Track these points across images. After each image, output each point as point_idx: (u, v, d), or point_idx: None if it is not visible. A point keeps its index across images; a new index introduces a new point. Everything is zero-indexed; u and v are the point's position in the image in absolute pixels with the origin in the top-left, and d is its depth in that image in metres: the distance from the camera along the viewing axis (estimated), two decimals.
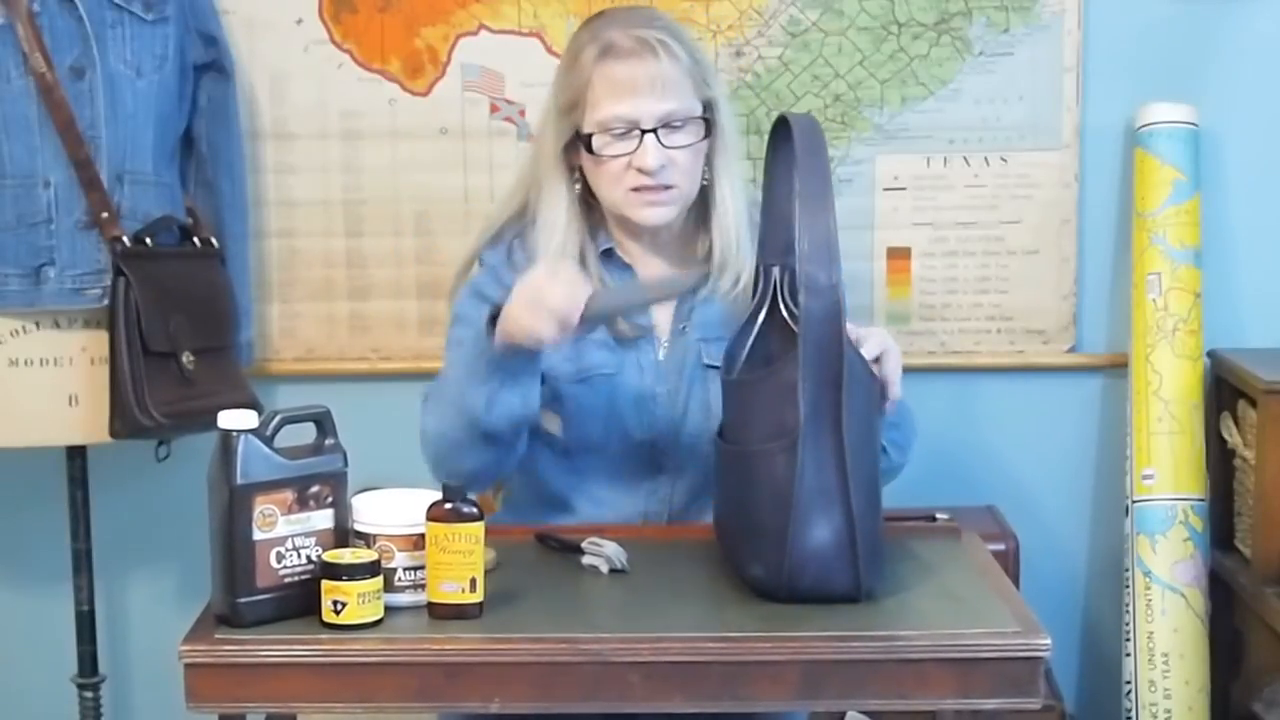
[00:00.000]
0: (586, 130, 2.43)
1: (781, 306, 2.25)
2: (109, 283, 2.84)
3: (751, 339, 2.27)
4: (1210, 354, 3.12)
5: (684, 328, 2.51)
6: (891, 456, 2.38)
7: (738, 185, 2.49)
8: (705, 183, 2.49)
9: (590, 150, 2.43)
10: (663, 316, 2.52)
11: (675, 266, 2.52)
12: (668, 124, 2.41)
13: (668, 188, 2.43)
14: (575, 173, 2.49)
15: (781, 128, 2.25)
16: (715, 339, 2.47)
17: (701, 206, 2.50)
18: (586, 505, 2.50)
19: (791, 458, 2.05)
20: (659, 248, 2.52)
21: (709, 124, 2.45)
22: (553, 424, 2.47)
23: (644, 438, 2.49)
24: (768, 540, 2.08)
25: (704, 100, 2.46)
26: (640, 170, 2.41)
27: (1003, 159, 3.18)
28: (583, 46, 2.45)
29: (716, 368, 2.43)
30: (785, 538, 2.05)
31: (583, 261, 2.46)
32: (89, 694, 3.12)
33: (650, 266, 2.52)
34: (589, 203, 2.51)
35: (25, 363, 2.91)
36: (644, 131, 2.40)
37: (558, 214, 2.48)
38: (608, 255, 2.51)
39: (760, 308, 2.28)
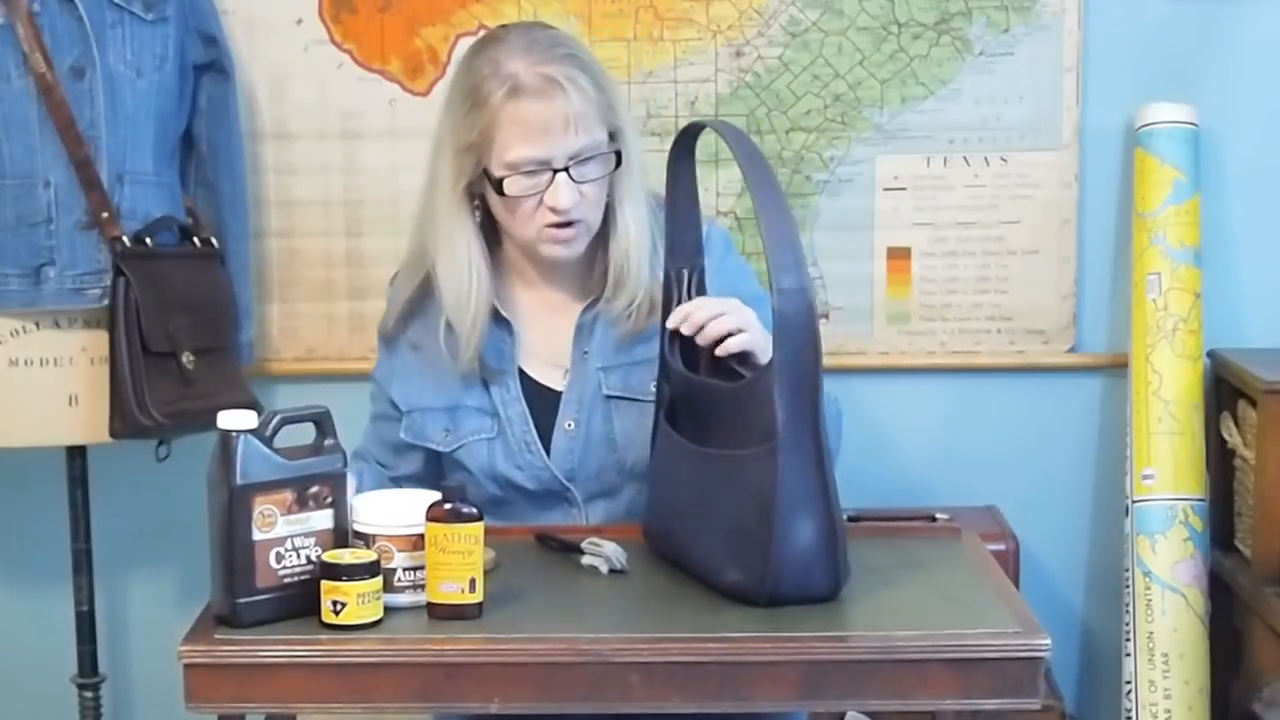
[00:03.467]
0: (496, 173, 2.40)
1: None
2: (109, 283, 2.84)
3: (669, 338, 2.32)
4: (1210, 354, 3.12)
5: (585, 353, 2.49)
6: None
7: (640, 208, 2.46)
8: (606, 205, 2.47)
9: (501, 193, 2.40)
10: (563, 341, 2.51)
11: (576, 287, 2.52)
12: (578, 160, 2.39)
13: (577, 223, 2.42)
14: (476, 200, 2.47)
15: (685, 136, 2.27)
16: (614, 367, 2.48)
17: (601, 229, 2.48)
18: None
19: (773, 462, 2.05)
20: (560, 273, 2.51)
21: (618, 155, 2.43)
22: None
23: (540, 483, 2.48)
24: (749, 546, 2.07)
25: (610, 128, 2.44)
26: (553, 209, 2.39)
27: (1003, 159, 3.18)
28: (484, 81, 2.39)
29: (617, 398, 2.45)
30: (770, 543, 2.05)
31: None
32: (89, 694, 3.12)
33: (553, 286, 2.52)
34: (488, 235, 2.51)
35: (25, 363, 2.91)
36: (555, 171, 2.38)
37: (463, 250, 2.45)
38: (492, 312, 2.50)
39: (671, 310, 2.30)
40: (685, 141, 2.29)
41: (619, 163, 2.44)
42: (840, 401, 2.45)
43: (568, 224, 2.41)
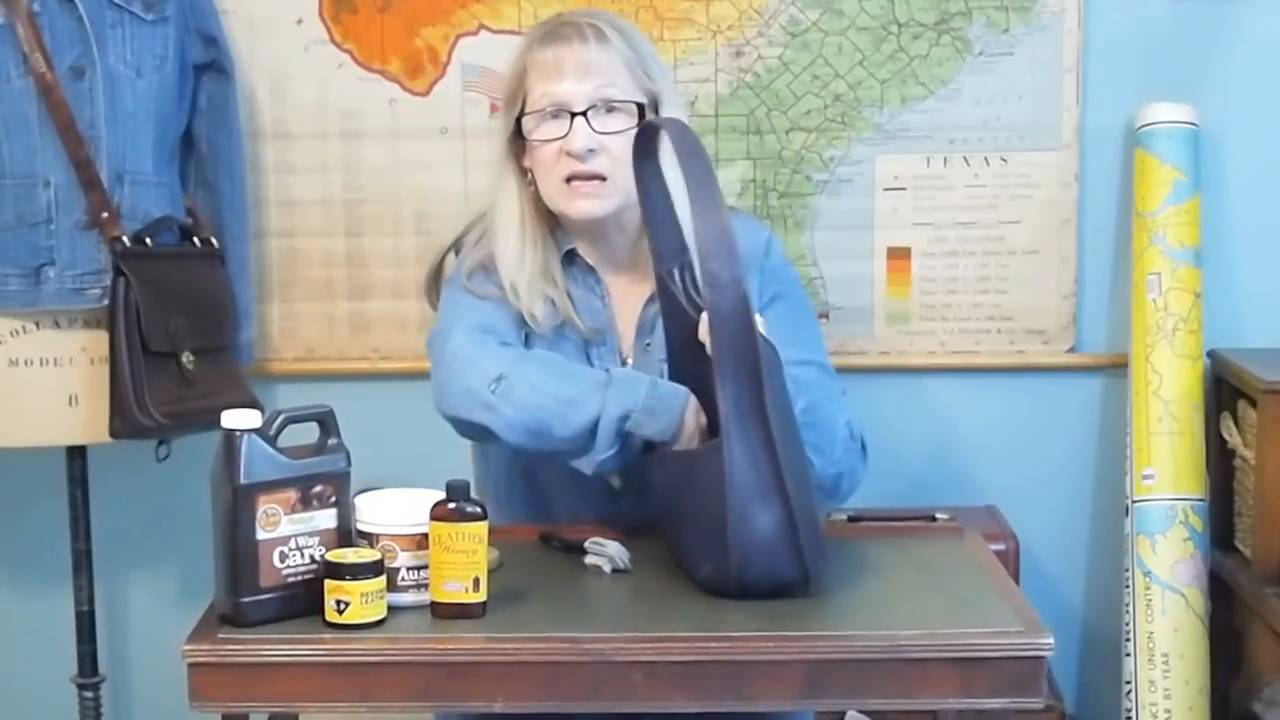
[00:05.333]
0: (524, 114, 2.43)
1: (694, 304, 2.27)
2: (109, 283, 2.84)
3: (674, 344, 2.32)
4: (1210, 354, 3.12)
5: (648, 344, 2.49)
6: (815, 463, 2.24)
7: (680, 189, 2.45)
8: None
9: (522, 135, 2.43)
10: (626, 331, 2.50)
11: (631, 277, 2.51)
12: (600, 106, 2.39)
13: (602, 179, 2.40)
14: (528, 175, 2.48)
15: (645, 136, 2.27)
16: None
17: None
18: (540, 514, 2.47)
19: (718, 455, 2.06)
20: (615, 252, 2.50)
21: (641, 110, 2.42)
22: (615, 480, 2.41)
23: None
24: (712, 538, 2.08)
25: (646, 91, 2.44)
26: (570, 154, 2.39)
27: (1003, 159, 3.18)
28: (525, 38, 2.49)
29: None
30: (725, 534, 2.06)
31: (545, 268, 2.46)
32: (89, 694, 3.12)
33: (612, 272, 2.51)
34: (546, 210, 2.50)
35: (25, 363, 2.91)
36: (574, 115, 2.39)
37: (511, 207, 2.46)
38: (570, 257, 2.50)
39: (677, 311, 2.30)
40: (644, 143, 2.28)
41: (642, 117, 2.42)
42: (864, 436, 2.43)
43: (592, 176, 2.40)
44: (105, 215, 2.84)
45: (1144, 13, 3.14)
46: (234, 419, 2.01)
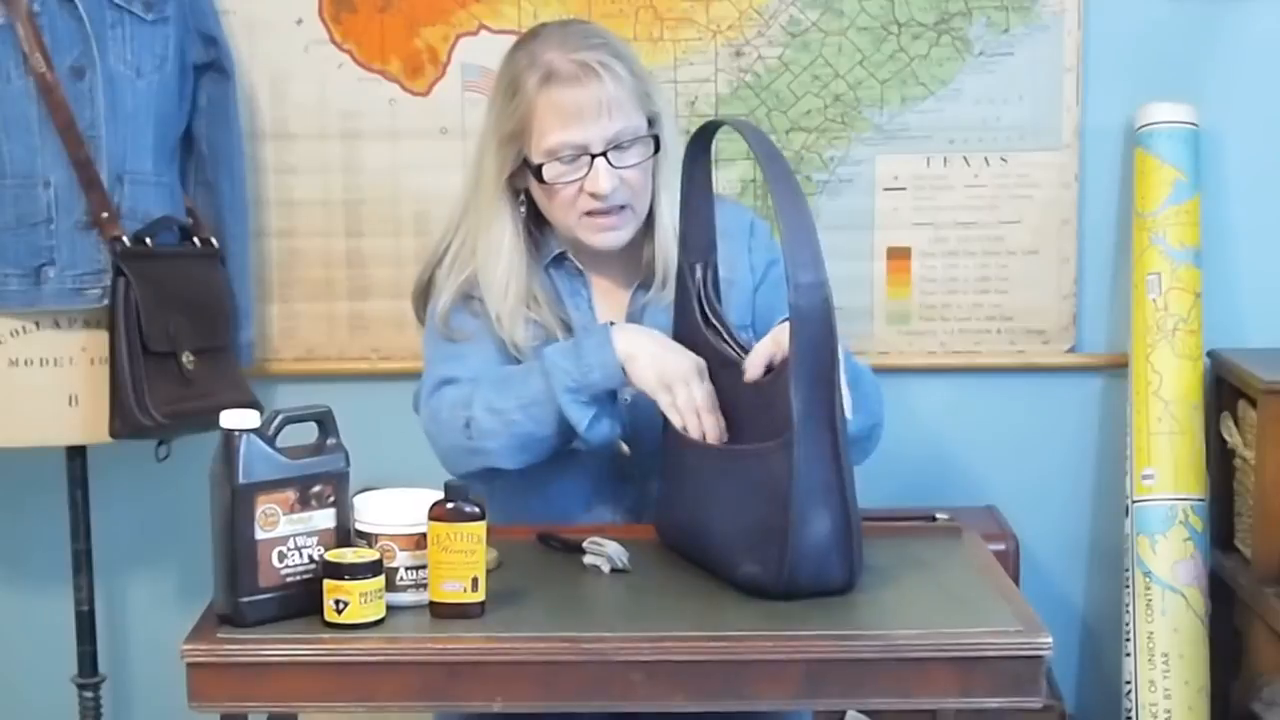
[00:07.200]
0: (536, 160, 2.41)
1: (704, 303, 2.29)
2: (109, 283, 2.84)
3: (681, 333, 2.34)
4: (1210, 354, 3.12)
5: None
6: (861, 417, 2.25)
7: (678, 196, 2.44)
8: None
9: (541, 180, 2.41)
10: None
11: (624, 274, 2.52)
12: (616, 145, 2.40)
13: (621, 209, 2.42)
14: (520, 195, 2.48)
15: (702, 134, 2.28)
16: None
17: (646, 218, 2.49)
18: (552, 519, 2.46)
19: (788, 455, 2.05)
20: (607, 259, 2.51)
21: (656, 140, 2.44)
22: (624, 447, 2.42)
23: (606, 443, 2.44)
24: (766, 539, 2.07)
25: (648, 114, 2.45)
26: (593, 195, 2.40)
27: (1003, 159, 3.18)
28: (521, 72, 2.42)
29: None
30: (785, 535, 2.05)
31: (527, 292, 2.46)
32: (89, 694, 3.12)
33: (602, 273, 2.52)
34: (534, 221, 2.50)
35: (25, 363, 2.91)
36: (593, 156, 2.39)
37: (500, 240, 2.46)
38: (559, 261, 2.50)
39: (687, 305, 2.31)
40: (702, 139, 2.30)
41: (658, 148, 2.44)
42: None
43: (609, 211, 2.42)
44: (105, 215, 2.84)
45: (1144, 13, 3.14)
46: (233, 419, 2.01)
